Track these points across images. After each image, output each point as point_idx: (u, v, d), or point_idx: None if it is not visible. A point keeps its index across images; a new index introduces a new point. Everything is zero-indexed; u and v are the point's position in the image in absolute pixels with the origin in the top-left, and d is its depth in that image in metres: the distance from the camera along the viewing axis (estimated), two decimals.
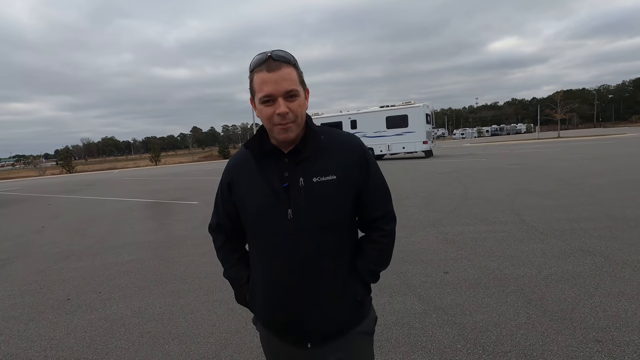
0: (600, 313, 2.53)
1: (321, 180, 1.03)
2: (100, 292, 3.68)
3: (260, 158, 1.08)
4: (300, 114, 1.02)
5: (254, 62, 1.00)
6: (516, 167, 11.67)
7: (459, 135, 78.25)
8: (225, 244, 1.25)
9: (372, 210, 1.12)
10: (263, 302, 1.14)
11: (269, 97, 0.97)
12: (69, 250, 5.52)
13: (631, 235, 4.10)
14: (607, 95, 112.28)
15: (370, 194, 1.11)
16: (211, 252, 4.65)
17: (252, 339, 2.57)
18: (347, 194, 1.06)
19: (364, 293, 1.13)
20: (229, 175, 1.16)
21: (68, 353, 2.59)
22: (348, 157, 1.07)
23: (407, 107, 19.57)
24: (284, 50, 1.00)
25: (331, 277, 1.08)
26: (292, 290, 1.07)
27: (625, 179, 7.73)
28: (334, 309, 1.09)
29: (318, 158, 1.05)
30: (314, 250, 1.04)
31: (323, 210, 1.03)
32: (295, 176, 1.04)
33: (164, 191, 12.89)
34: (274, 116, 0.98)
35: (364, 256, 1.13)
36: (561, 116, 40.61)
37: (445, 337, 2.40)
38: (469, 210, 5.95)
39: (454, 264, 3.66)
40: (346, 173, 1.05)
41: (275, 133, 1.02)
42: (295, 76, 1.00)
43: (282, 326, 1.12)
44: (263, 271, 1.11)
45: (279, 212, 1.04)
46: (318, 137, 1.06)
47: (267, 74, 0.96)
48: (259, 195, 1.06)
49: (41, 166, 46.99)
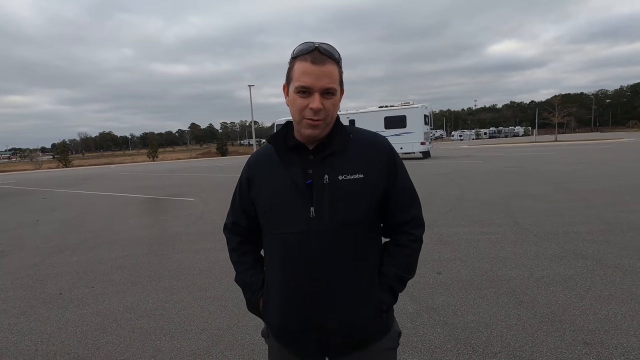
0: (590, 316, 2.55)
1: (347, 178, 0.99)
2: (93, 287, 3.67)
3: (284, 153, 1.03)
4: (332, 114, 0.98)
5: (299, 50, 0.95)
6: (513, 170, 11.72)
7: (457, 136, 78.48)
8: (240, 246, 1.17)
9: (399, 213, 1.07)
10: (278, 308, 1.06)
11: (306, 89, 0.93)
12: (62, 244, 5.49)
13: (623, 239, 4.13)
14: (605, 100, 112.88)
15: (398, 197, 1.06)
16: (205, 249, 4.68)
17: (244, 336, 2.57)
18: (372, 195, 1.01)
19: (390, 302, 1.07)
20: (250, 170, 1.10)
21: (59, 347, 2.58)
22: (376, 157, 1.03)
23: (405, 107, 19.61)
24: (331, 45, 0.96)
25: (355, 282, 1.01)
26: (311, 295, 1.00)
27: (620, 184, 7.78)
28: (356, 317, 1.02)
29: (344, 155, 1.00)
30: (337, 251, 0.99)
31: (348, 210, 0.98)
32: (320, 173, 0.99)
33: (161, 187, 12.85)
34: (306, 109, 0.94)
35: (394, 261, 1.07)
36: (559, 120, 40.77)
37: (436, 337, 2.41)
38: (465, 212, 5.98)
39: (448, 265, 3.67)
40: (373, 173, 1.01)
41: (302, 127, 0.97)
42: (337, 75, 0.96)
43: (297, 336, 1.04)
44: (280, 274, 1.04)
45: (301, 210, 0.98)
46: (346, 134, 1.02)
47: (311, 65, 0.92)
48: (280, 191, 1.01)
49: (37, 160, 46.74)
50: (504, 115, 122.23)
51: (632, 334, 2.30)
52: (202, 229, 5.92)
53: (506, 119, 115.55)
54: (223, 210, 7.33)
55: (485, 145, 35.45)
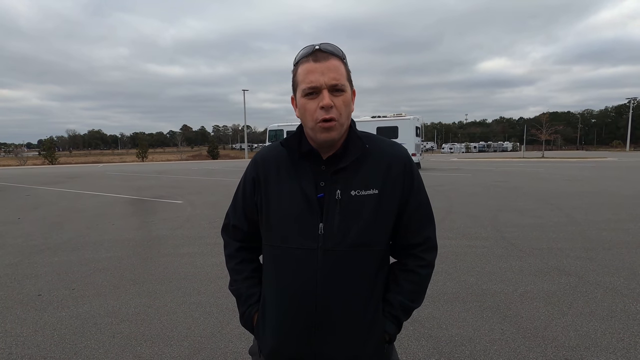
0: (571, 332, 2.58)
1: (361, 194, 0.92)
2: (74, 289, 3.58)
3: (297, 159, 0.96)
4: (345, 113, 0.91)
5: (300, 54, 0.91)
6: (500, 184, 11.91)
7: (447, 149, 79.51)
8: (238, 252, 1.09)
9: (411, 233, 1.00)
10: (273, 329, 0.97)
11: (313, 88, 0.88)
12: (44, 244, 5.35)
13: (605, 257, 4.22)
14: (590, 120, 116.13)
15: (412, 214, 0.98)
16: (191, 254, 4.62)
17: (227, 345, 2.53)
18: (388, 212, 0.95)
19: (395, 333, 1.00)
20: (256, 170, 1.01)
21: (34, 351, 2.50)
22: (392, 168, 0.95)
23: (397, 118, 19.85)
24: (332, 44, 0.91)
25: (360, 311, 0.94)
26: (311, 317, 0.92)
27: (603, 202, 7.98)
28: (358, 345, 0.94)
29: (359, 168, 0.94)
30: (343, 273, 0.92)
31: (360, 229, 0.92)
32: (332, 187, 0.93)
33: (149, 188, 12.67)
34: (317, 111, 0.88)
35: (400, 289, 0.99)
36: (546, 137, 41.71)
37: (420, 350, 2.41)
38: (452, 225, 6.04)
39: (434, 277, 3.69)
40: (388, 187, 0.94)
41: (316, 132, 0.90)
42: (343, 70, 0.90)
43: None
44: (279, 290, 0.96)
45: (309, 225, 0.92)
46: (361, 144, 0.95)
47: (314, 63, 0.88)
48: (289, 200, 0.94)
49: (22, 155, 45.68)
50: (494, 130, 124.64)
51: (611, 351, 2.34)
52: (189, 232, 5.84)
53: (495, 134, 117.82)
54: (211, 214, 7.29)
55: (474, 159, 36.01)
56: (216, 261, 4.32)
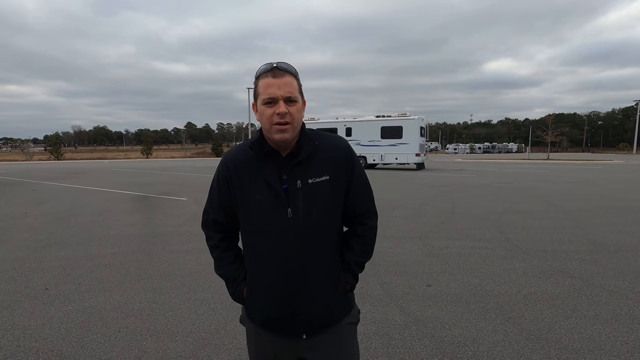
0: (575, 335, 2.58)
1: (316, 181, 1.14)
2: (80, 284, 3.62)
3: (262, 159, 1.15)
4: (297, 119, 1.11)
5: (261, 70, 1.11)
6: (505, 186, 11.86)
7: (451, 150, 79.22)
8: (221, 242, 1.27)
9: (356, 206, 1.23)
10: (263, 299, 1.18)
11: (271, 99, 1.07)
12: (50, 238, 5.41)
13: (610, 260, 4.20)
14: (597, 122, 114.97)
15: (355, 191, 1.22)
16: (196, 250, 4.65)
17: (231, 341, 2.55)
18: (338, 192, 1.18)
19: (354, 282, 1.27)
20: (228, 170, 1.19)
21: (42, 344, 2.54)
22: (337, 157, 1.18)
23: (402, 118, 19.77)
24: (287, 63, 1.12)
25: (327, 270, 1.18)
26: (292, 285, 1.14)
27: (609, 205, 7.92)
28: (330, 299, 1.19)
29: (312, 160, 1.15)
30: (312, 245, 1.14)
31: (319, 208, 1.14)
32: (293, 179, 1.13)
33: (153, 185, 12.75)
34: (273, 116, 1.08)
35: (351, 250, 1.25)
36: (552, 138, 41.41)
37: (423, 350, 2.42)
38: (456, 226, 6.02)
39: (438, 278, 3.69)
40: (336, 173, 1.16)
41: (272, 132, 1.09)
42: (296, 85, 1.11)
43: (281, 321, 1.17)
44: (263, 268, 1.17)
45: (280, 211, 1.12)
46: (312, 142, 1.16)
47: (272, 79, 1.08)
48: (261, 194, 1.14)
49: (28, 151, 46.06)
50: (498, 131, 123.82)
51: (615, 354, 2.34)
52: (194, 229, 5.88)
53: (500, 135, 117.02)
54: None
55: (478, 160, 35.83)
56: None
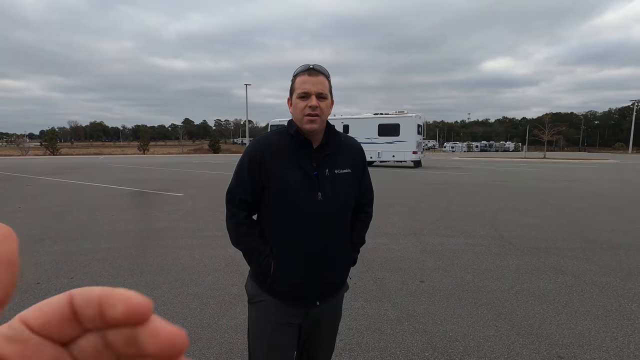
0: (565, 330, 2.60)
1: (341, 172, 1.34)
2: (72, 278, 3.61)
3: (296, 147, 1.30)
4: (325, 113, 1.28)
5: (298, 70, 1.29)
6: (500, 184, 11.90)
7: (449, 148, 79.40)
8: (247, 220, 1.36)
9: (363, 197, 1.47)
10: (290, 271, 1.31)
11: (305, 93, 1.25)
12: (44, 233, 5.38)
13: (602, 257, 4.23)
14: (594, 121, 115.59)
15: (364, 185, 1.46)
16: (190, 246, 4.64)
17: (223, 335, 2.55)
18: (356, 184, 1.40)
19: (356, 258, 1.51)
20: (262, 154, 1.30)
21: None
22: (356, 155, 1.41)
23: (400, 116, 19.78)
24: (321, 65, 1.30)
25: (345, 246, 1.40)
26: (319, 258, 1.32)
27: (603, 204, 7.97)
28: (343, 272, 1.41)
29: (338, 154, 1.34)
30: (337, 224, 1.35)
31: (342, 195, 1.34)
32: (323, 167, 1.31)
33: (150, 181, 12.70)
34: (305, 108, 1.25)
35: (357, 233, 1.47)
36: (548, 137, 41.56)
37: (415, 345, 2.43)
38: (451, 223, 6.04)
39: (431, 274, 3.70)
40: (355, 168, 1.38)
41: (303, 123, 1.26)
42: (327, 85, 1.29)
43: (306, 287, 1.33)
44: (294, 243, 1.31)
45: (312, 193, 1.29)
46: (338, 138, 1.35)
47: (308, 77, 1.26)
48: (297, 177, 1.28)
49: (24, 146, 45.74)
50: (496, 129, 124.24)
51: (604, 349, 2.36)
52: (189, 225, 5.86)
53: (497, 134, 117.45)
54: (212, 208, 7.31)
55: (476, 158, 35.94)
56: (214, 253, 4.35)
